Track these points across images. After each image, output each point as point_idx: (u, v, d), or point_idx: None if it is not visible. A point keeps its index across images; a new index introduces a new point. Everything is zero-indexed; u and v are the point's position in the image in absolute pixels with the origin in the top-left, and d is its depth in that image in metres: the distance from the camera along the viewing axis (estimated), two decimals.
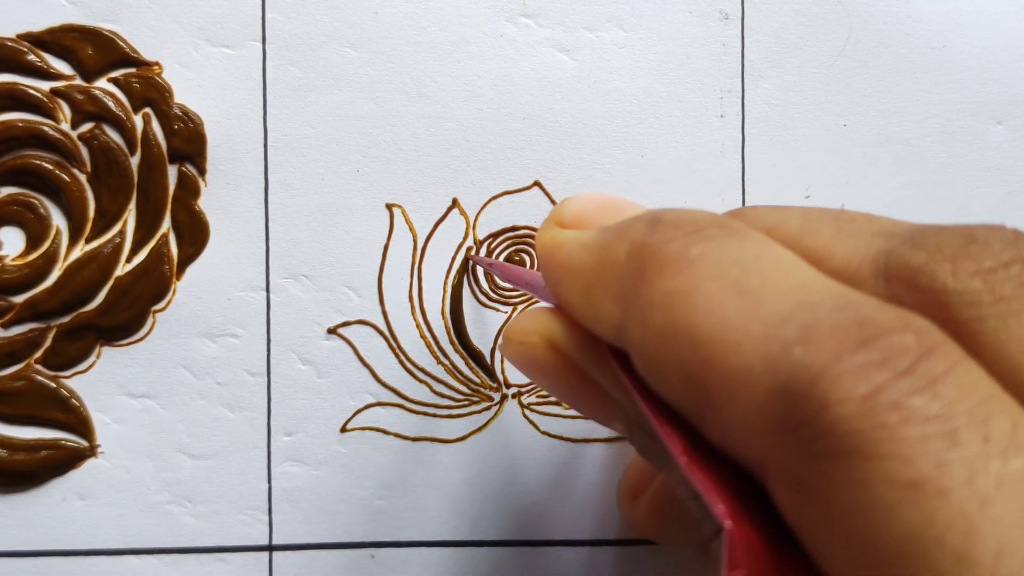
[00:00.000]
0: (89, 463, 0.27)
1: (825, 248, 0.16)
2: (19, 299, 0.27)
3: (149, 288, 0.27)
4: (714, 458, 0.15)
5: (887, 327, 0.13)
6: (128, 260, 0.27)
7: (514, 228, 0.28)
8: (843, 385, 0.13)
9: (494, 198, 0.28)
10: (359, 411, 0.28)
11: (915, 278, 0.15)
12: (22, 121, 0.27)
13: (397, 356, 0.28)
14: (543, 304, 0.22)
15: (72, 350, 0.27)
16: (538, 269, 0.22)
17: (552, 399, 0.28)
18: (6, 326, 0.27)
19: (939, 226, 0.15)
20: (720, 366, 0.14)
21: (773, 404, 0.13)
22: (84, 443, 0.27)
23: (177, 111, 0.27)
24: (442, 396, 0.28)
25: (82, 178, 0.27)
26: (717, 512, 0.14)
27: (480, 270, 0.28)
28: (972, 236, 0.15)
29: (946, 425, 0.12)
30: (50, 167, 0.27)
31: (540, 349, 0.19)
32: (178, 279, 0.27)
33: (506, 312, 0.28)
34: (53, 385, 0.27)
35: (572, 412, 0.28)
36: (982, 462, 0.12)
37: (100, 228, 0.27)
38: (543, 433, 0.28)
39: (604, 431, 0.28)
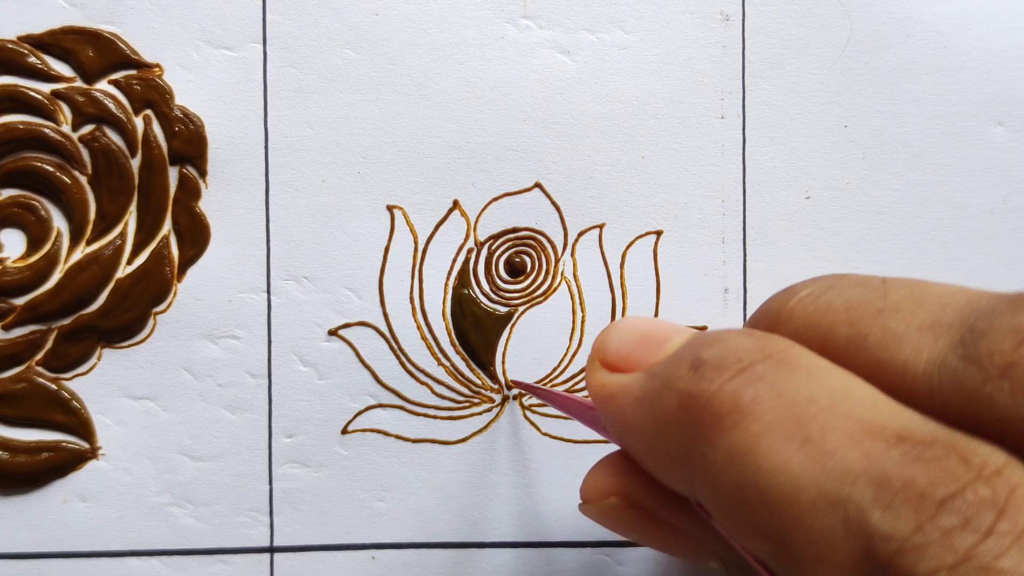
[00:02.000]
0: (90, 465, 0.27)
1: (876, 361, 0.16)
2: (20, 301, 0.27)
3: (150, 290, 0.27)
4: None
5: (961, 480, 0.13)
6: (129, 262, 0.27)
7: (515, 229, 0.28)
8: (930, 556, 0.13)
9: (495, 199, 0.28)
10: (360, 413, 0.28)
11: (973, 407, 0.14)
12: (23, 123, 0.27)
13: (398, 358, 0.28)
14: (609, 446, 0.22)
15: (73, 352, 0.27)
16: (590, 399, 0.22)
17: None
18: (7, 328, 0.27)
19: (989, 309, 0.15)
20: (800, 529, 0.14)
21: (862, 571, 0.13)
22: (85, 445, 0.27)
23: (178, 113, 0.27)
24: (443, 398, 0.28)
25: (83, 180, 0.27)
26: None
27: (481, 270, 0.28)
28: (1023, 334, 0.14)
29: None
30: (51, 169, 0.27)
31: (621, 509, 0.19)
32: (179, 281, 0.27)
33: (505, 312, 0.28)
34: (54, 387, 0.27)
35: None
36: None
37: (101, 230, 0.27)
38: (544, 435, 0.28)
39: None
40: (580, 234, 0.28)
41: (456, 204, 0.28)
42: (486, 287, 0.28)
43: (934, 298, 0.16)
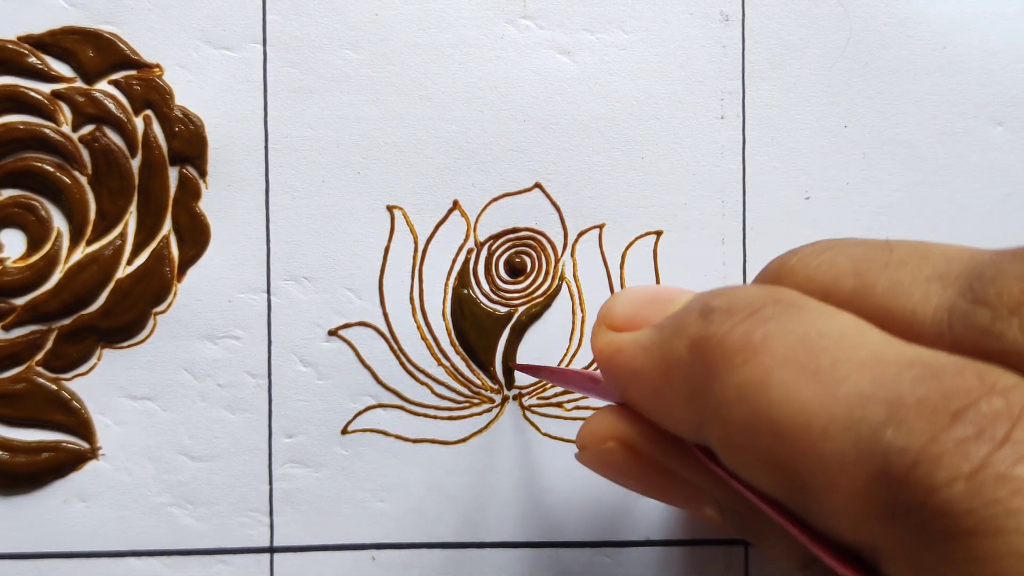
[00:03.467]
0: (90, 465, 0.27)
1: (884, 309, 0.16)
2: (20, 301, 0.27)
3: (150, 290, 0.27)
4: (819, 534, 0.15)
5: (973, 394, 0.13)
6: (129, 262, 0.27)
7: (515, 230, 0.28)
8: (946, 466, 0.13)
9: (495, 200, 0.28)
10: (360, 413, 0.28)
11: (983, 342, 0.14)
12: (23, 123, 0.27)
13: (398, 358, 0.28)
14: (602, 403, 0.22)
15: (73, 352, 0.27)
16: (595, 370, 0.22)
17: (553, 400, 0.28)
18: (7, 328, 0.27)
19: (994, 261, 0.15)
20: (811, 456, 0.14)
21: (876, 490, 0.13)
22: (85, 445, 0.27)
23: (178, 113, 0.27)
24: (443, 398, 0.28)
25: (83, 180, 0.27)
26: None
27: (481, 270, 0.28)
28: None
29: None
30: (51, 169, 0.27)
31: (619, 454, 0.19)
32: (179, 281, 0.27)
33: (505, 312, 0.28)
34: (54, 387, 0.27)
35: (573, 414, 0.28)
36: None
37: (101, 230, 0.27)
38: (544, 435, 0.28)
39: None
40: (580, 234, 0.28)
41: (456, 204, 0.28)
42: (486, 287, 0.28)
43: (939, 253, 0.16)
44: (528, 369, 0.27)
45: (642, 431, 0.19)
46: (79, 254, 0.27)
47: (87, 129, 0.27)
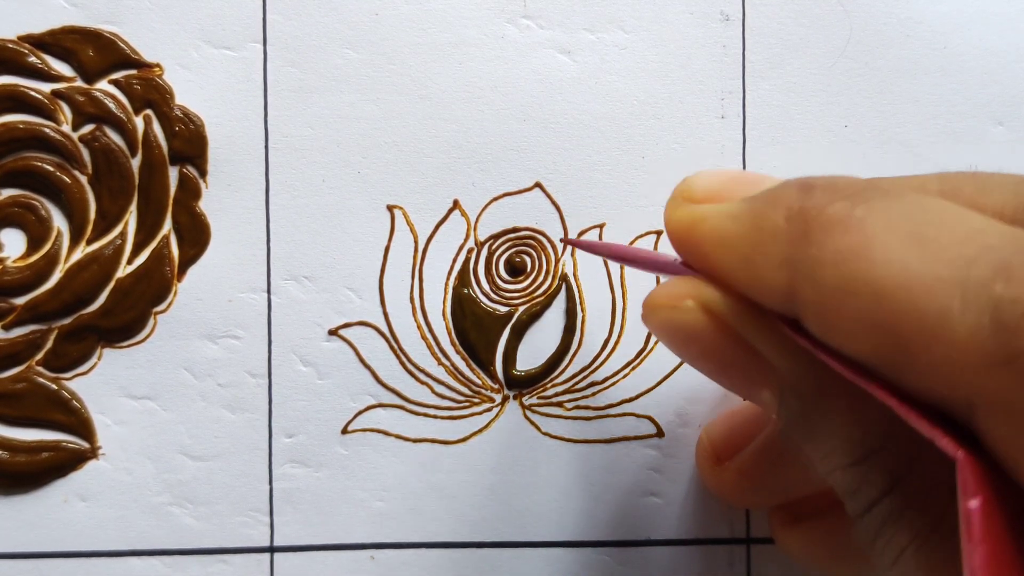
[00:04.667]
0: (90, 465, 0.27)
1: (972, 203, 0.16)
2: (20, 301, 0.27)
3: (150, 290, 0.27)
4: (907, 402, 0.15)
5: None
6: (129, 262, 0.27)
7: (515, 229, 0.28)
8: None
9: (495, 199, 0.28)
10: (360, 412, 0.28)
11: None
12: (23, 123, 0.27)
13: (398, 357, 0.28)
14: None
15: (73, 352, 0.27)
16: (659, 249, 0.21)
17: (553, 400, 0.28)
18: (7, 328, 0.27)
19: None
20: (913, 313, 0.14)
21: (982, 341, 0.13)
22: (85, 445, 0.27)
23: (178, 113, 0.27)
24: (443, 397, 0.28)
25: (83, 180, 0.27)
26: (944, 445, 0.14)
27: (481, 270, 0.28)
28: None
29: None
30: (51, 169, 0.27)
31: (695, 314, 0.19)
32: (179, 281, 0.27)
33: (505, 311, 0.28)
34: (54, 387, 0.27)
35: (574, 413, 0.28)
36: None
37: (101, 230, 0.27)
38: (544, 434, 0.28)
39: (605, 433, 0.28)
40: (580, 234, 0.28)
41: (456, 204, 0.28)
42: (486, 287, 0.28)
43: (1014, 176, 0.17)
44: (580, 244, 0.26)
45: (725, 296, 0.18)
46: (79, 254, 0.27)
47: (87, 129, 0.27)
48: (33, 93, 0.27)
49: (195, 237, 0.27)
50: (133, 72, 0.27)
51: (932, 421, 0.15)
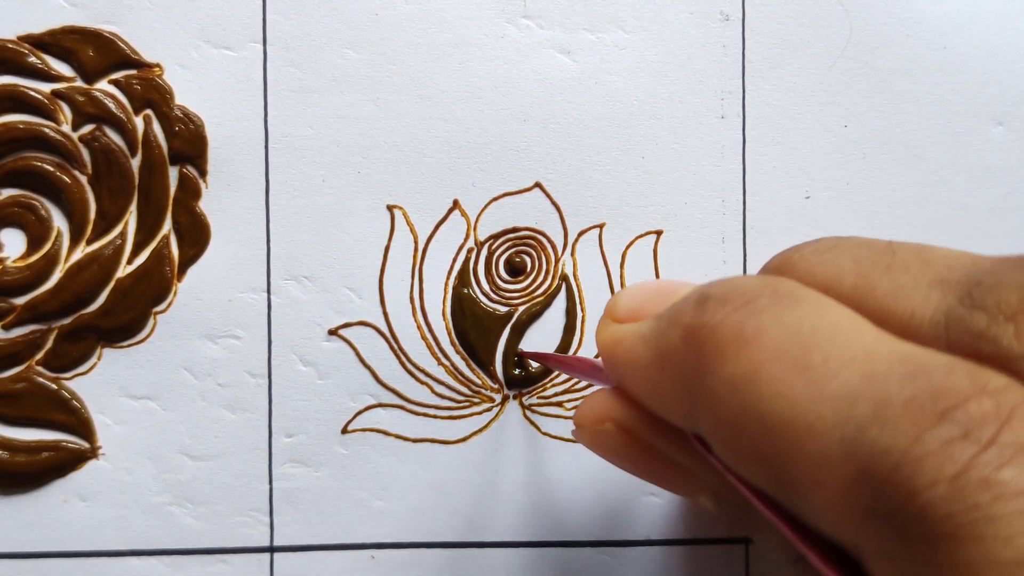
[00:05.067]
0: (90, 464, 0.27)
1: (882, 309, 0.16)
2: (20, 301, 0.27)
3: (150, 290, 0.27)
4: (807, 530, 0.15)
5: (962, 394, 0.13)
6: (129, 262, 0.27)
7: (515, 229, 0.28)
8: (928, 467, 0.12)
9: (495, 199, 0.28)
10: (360, 412, 0.28)
11: (978, 345, 0.14)
12: (23, 123, 0.27)
13: (398, 357, 0.28)
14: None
15: (73, 352, 0.27)
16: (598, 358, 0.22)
17: (553, 400, 0.28)
18: (7, 328, 0.27)
19: (995, 269, 0.15)
20: (798, 453, 0.14)
21: (859, 491, 0.13)
22: (85, 444, 0.27)
23: (178, 113, 0.27)
24: (443, 397, 0.28)
25: (83, 180, 0.27)
26: None
27: (481, 270, 0.28)
28: None
29: None
30: (51, 169, 0.27)
31: (616, 436, 0.19)
32: (179, 281, 0.27)
33: (505, 311, 0.28)
34: (54, 387, 0.27)
35: (573, 413, 0.28)
36: None
37: (101, 230, 0.27)
38: (544, 434, 0.28)
39: None
40: (580, 234, 0.28)
41: (456, 204, 0.28)
42: (486, 287, 0.28)
43: (941, 259, 0.16)
44: (534, 356, 0.27)
45: (639, 415, 0.19)
46: (79, 254, 0.27)
47: (87, 129, 0.27)
48: (33, 93, 0.27)
49: (195, 237, 0.27)
50: (133, 72, 0.27)
51: (828, 558, 0.14)
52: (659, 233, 0.28)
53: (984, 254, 0.16)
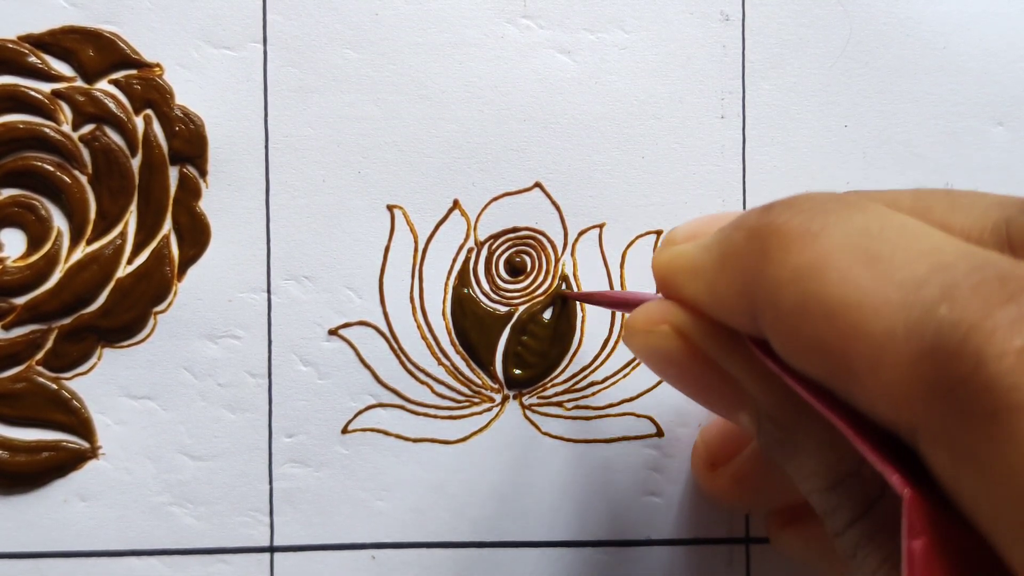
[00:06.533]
0: (90, 464, 0.27)
1: (942, 222, 0.16)
2: (20, 301, 0.27)
3: (150, 289, 0.27)
4: (864, 430, 0.15)
5: None
6: (129, 262, 0.27)
7: (515, 229, 0.28)
8: (997, 340, 0.12)
9: (495, 199, 0.28)
10: (360, 412, 0.28)
11: None
12: (23, 123, 0.27)
13: (398, 357, 0.28)
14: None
15: (73, 352, 0.27)
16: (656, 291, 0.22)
17: (553, 400, 0.28)
18: (7, 328, 0.27)
19: None
20: (860, 335, 0.14)
21: (923, 367, 0.13)
22: (85, 444, 0.27)
23: (178, 113, 0.27)
24: (443, 397, 0.28)
25: (83, 180, 0.27)
26: (894, 482, 0.14)
27: (481, 270, 0.28)
28: None
29: None
30: (51, 169, 0.27)
31: (670, 339, 0.19)
32: (179, 280, 0.27)
33: (505, 311, 0.28)
34: (54, 387, 0.27)
35: (573, 413, 0.28)
36: None
37: (101, 230, 0.27)
38: (544, 434, 0.28)
39: (605, 433, 0.28)
40: (580, 234, 0.28)
41: (456, 204, 0.28)
42: (486, 287, 0.28)
43: (993, 195, 0.17)
44: (577, 296, 0.27)
45: (696, 320, 0.19)
46: (79, 253, 0.27)
47: (87, 128, 0.27)
48: (33, 93, 0.27)
49: (195, 237, 0.27)
50: (133, 72, 0.27)
51: (884, 452, 0.14)
52: (659, 233, 0.28)
53: None
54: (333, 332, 0.27)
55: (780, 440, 0.18)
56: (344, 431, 0.27)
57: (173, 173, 0.27)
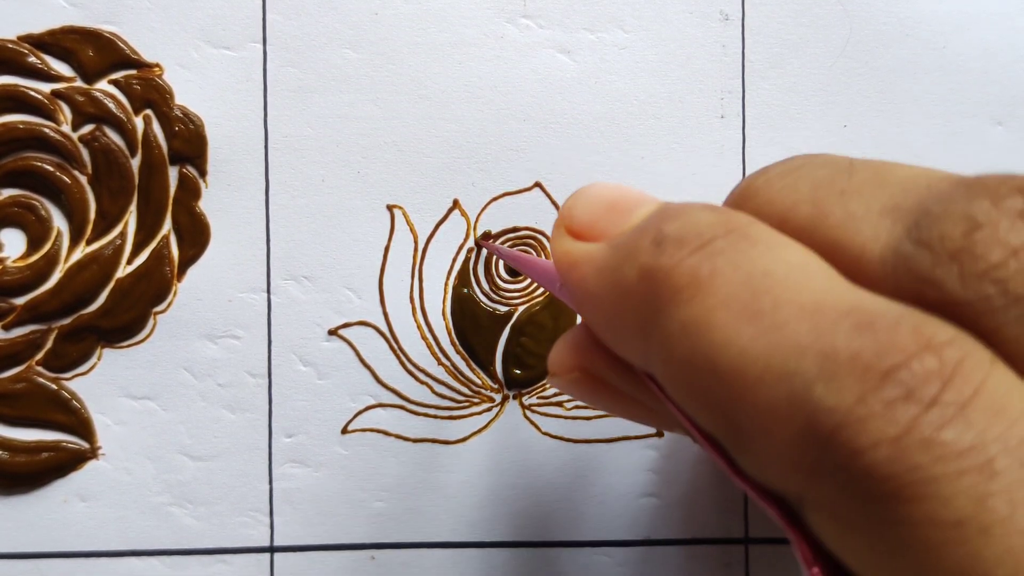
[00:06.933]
0: (90, 465, 0.27)
1: (835, 242, 0.15)
2: (20, 301, 0.27)
3: (150, 290, 0.27)
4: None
5: (907, 351, 0.13)
6: (129, 262, 0.27)
7: (515, 229, 0.28)
8: (871, 429, 0.12)
9: (495, 199, 0.28)
10: (360, 412, 0.28)
11: (923, 290, 0.14)
12: (23, 123, 0.27)
13: (398, 357, 0.28)
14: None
15: (73, 352, 0.27)
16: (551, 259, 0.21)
17: (553, 400, 0.28)
18: (7, 328, 0.27)
19: (945, 194, 0.15)
20: (747, 402, 0.14)
21: (805, 446, 0.13)
22: (85, 445, 0.27)
23: (178, 113, 0.27)
24: (443, 397, 0.28)
25: (83, 180, 0.27)
26: (799, 553, 0.14)
27: (481, 270, 0.28)
28: (974, 220, 0.14)
29: (981, 456, 0.12)
30: (51, 169, 0.27)
31: (585, 383, 0.19)
32: (179, 281, 0.27)
33: (505, 311, 0.28)
34: (54, 387, 0.27)
35: (573, 413, 0.28)
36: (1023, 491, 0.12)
37: (101, 230, 0.27)
38: (544, 434, 0.28)
39: (605, 433, 0.28)
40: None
41: (456, 204, 0.28)
42: (486, 287, 0.28)
43: (897, 181, 0.16)
44: (493, 248, 0.27)
45: (603, 360, 0.19)
46: (79, 254, 0.27)
47: (87, 129, 0.27)
48: (33, 93, 0.27)
49: (195, 237, 0.27)
50: (133, 72, 0.27)
51: (769, 500, 0.14)
52: None
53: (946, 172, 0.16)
54: (333, 332, 0.27)
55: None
56: (344, 431, 0.27)
57: (173, 173, 0.27)
